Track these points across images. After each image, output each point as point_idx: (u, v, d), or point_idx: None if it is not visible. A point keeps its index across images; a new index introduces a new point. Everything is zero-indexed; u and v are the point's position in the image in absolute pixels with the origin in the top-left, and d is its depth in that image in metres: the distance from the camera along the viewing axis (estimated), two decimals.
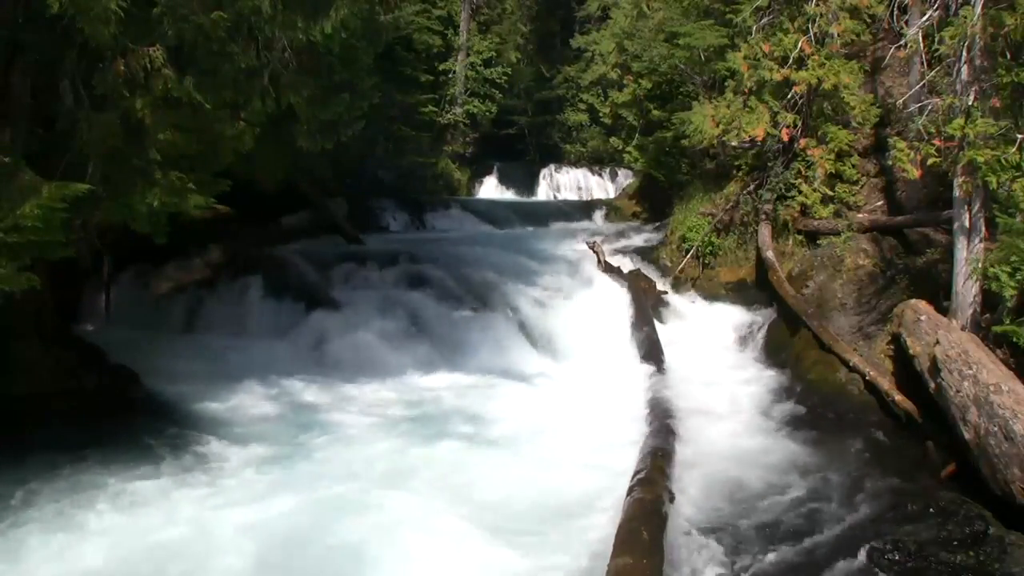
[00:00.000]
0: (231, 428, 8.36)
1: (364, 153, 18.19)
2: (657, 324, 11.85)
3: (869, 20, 11.98)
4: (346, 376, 10.03)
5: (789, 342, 10.68)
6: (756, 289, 12.39)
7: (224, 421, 8.53)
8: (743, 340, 11.56)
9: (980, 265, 7.69)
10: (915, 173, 8.93)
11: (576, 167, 25.79)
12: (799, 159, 12.36)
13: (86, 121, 6.74)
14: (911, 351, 8.06)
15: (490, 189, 24.95)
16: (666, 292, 13.21)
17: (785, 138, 12.20)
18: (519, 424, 8.69)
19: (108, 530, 6.12)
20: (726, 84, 13.28)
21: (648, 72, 17.80)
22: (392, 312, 11.32)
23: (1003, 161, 7.32)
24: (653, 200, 18.37)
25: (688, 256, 13.36)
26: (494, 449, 8.01)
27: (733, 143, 12.60)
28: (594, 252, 14.21)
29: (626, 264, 14.06)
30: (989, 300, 7.86)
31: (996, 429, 6.26)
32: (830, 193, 12.07)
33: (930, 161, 8.10)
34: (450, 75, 24.01)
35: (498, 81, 24.79)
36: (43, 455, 7.07)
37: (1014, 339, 7.04)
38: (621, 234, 16.63)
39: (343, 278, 12.34)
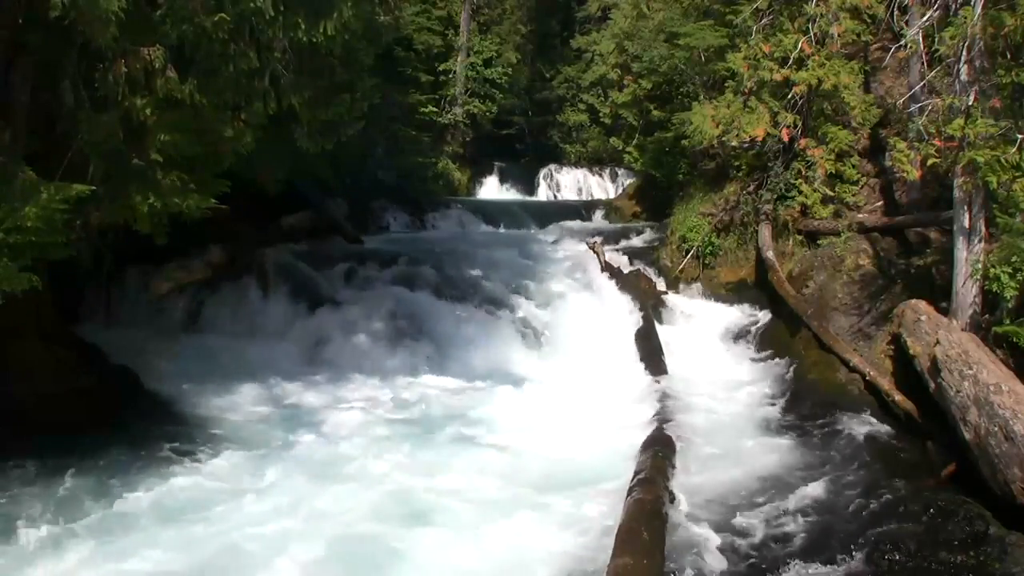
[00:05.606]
0: (230, 429, 8.39)
1: (364, 153, 18.12)
2: (657, 324, 11.86)
3: (869, 20, 11.97)
4: (345, 376, 10.05)
5: (789, 342, 10.68)
6: (756, 289, 12.39)
7: (223, 422, 8.57)
8: (743, 340, 11.55)
9: (980, 265, 7.69)
10: (915, 173, 8.94)
11: (576, 167, 25.69)
12: (799, 159, 12.36)
13: (87, 122, 6.75)
14: (911, 351, 8.06)
15: (490, 189, 24.91)
16: (666, 292, 13.21)
17: (785, 138, 12.20)
18: (517, 425, 8.71)
19: (105, 529, 6.14)
20: (726, 84, 13.25)
21: (648, 72, 17.79)
22: (392, 312, 11.33)
23: (1003, 161, 7.31)
24: (653, 200, 18.33)
25: (688, 256, 13.36)
26: (491, 451, 8.01)
27: (733, 143, 12.56)
28: (594, 252, 14.19)
29: (626, 264, 14.05)
30: (989, 300, 7.86)
31: (996, 429, 6.26)
32: (830, 193, 12.08)
33: (930, 161, 8.09)
34: (450, 75, 23.97)
35: (498, 81, 24.74)
36: (43, 455, 7.09)
37: (1014, 339, 7.04)
38: (621, 234, 16.60)
39: (343, 278, 12.34)
